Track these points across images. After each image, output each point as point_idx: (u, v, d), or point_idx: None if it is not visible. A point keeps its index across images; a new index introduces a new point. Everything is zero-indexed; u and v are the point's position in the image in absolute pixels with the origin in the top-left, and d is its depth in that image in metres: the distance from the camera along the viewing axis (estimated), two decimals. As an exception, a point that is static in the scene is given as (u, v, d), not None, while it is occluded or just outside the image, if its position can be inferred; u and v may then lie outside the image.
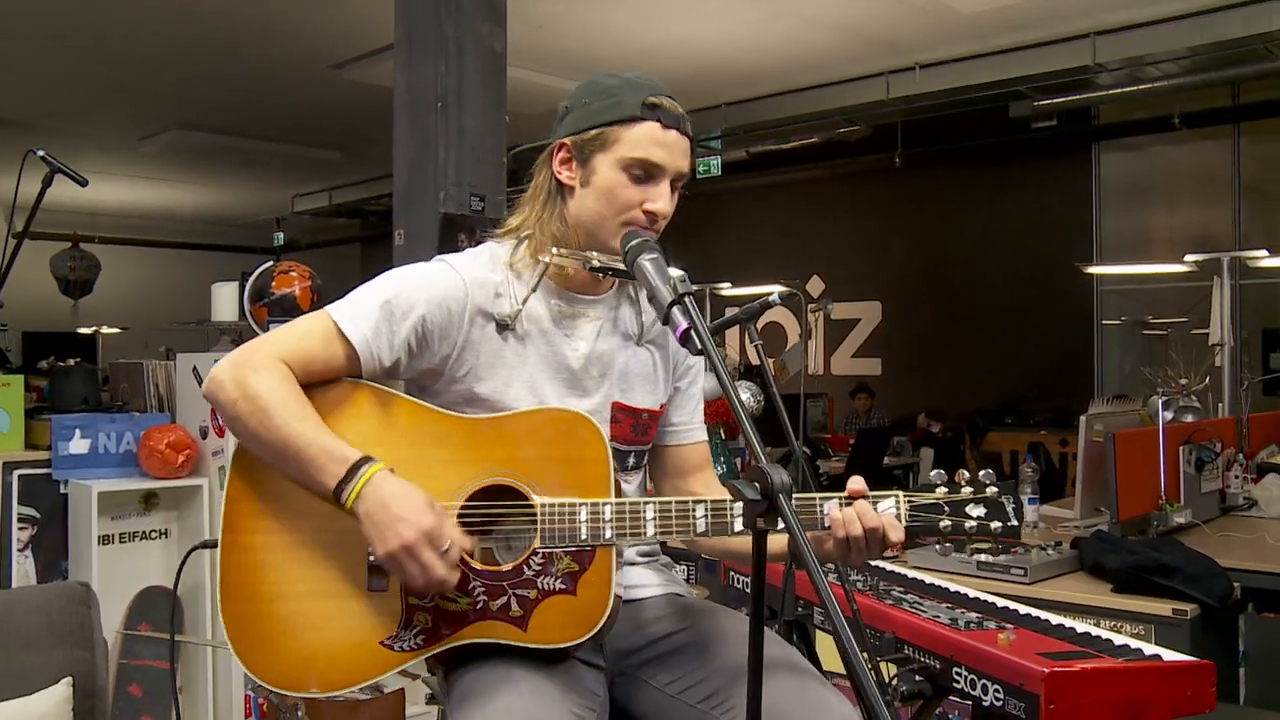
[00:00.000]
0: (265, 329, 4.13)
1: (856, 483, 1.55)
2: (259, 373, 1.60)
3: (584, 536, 1.56)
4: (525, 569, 1.58)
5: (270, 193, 12.65)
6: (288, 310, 4.24)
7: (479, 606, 1.58)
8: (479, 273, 1.71)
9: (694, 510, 1.56)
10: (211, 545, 1.68)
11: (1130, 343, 8.92)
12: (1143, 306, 8.76)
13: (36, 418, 4.08)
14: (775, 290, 2.21)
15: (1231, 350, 5.28)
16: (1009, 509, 1.59)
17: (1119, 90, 7.23)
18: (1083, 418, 4.41)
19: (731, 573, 2.97)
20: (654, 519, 1.56)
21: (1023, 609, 2.35)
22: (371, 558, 1.58)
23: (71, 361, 5.91)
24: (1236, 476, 4.82)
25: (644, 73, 1.77)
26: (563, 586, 1.57)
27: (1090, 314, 8.91)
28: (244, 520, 1.65)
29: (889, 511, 1.56)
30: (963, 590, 2.55)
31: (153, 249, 13.71)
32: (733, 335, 10.51)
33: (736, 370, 8.67)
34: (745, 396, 4.68)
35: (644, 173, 1.68)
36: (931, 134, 8.81)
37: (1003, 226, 9.70)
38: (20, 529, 3.79)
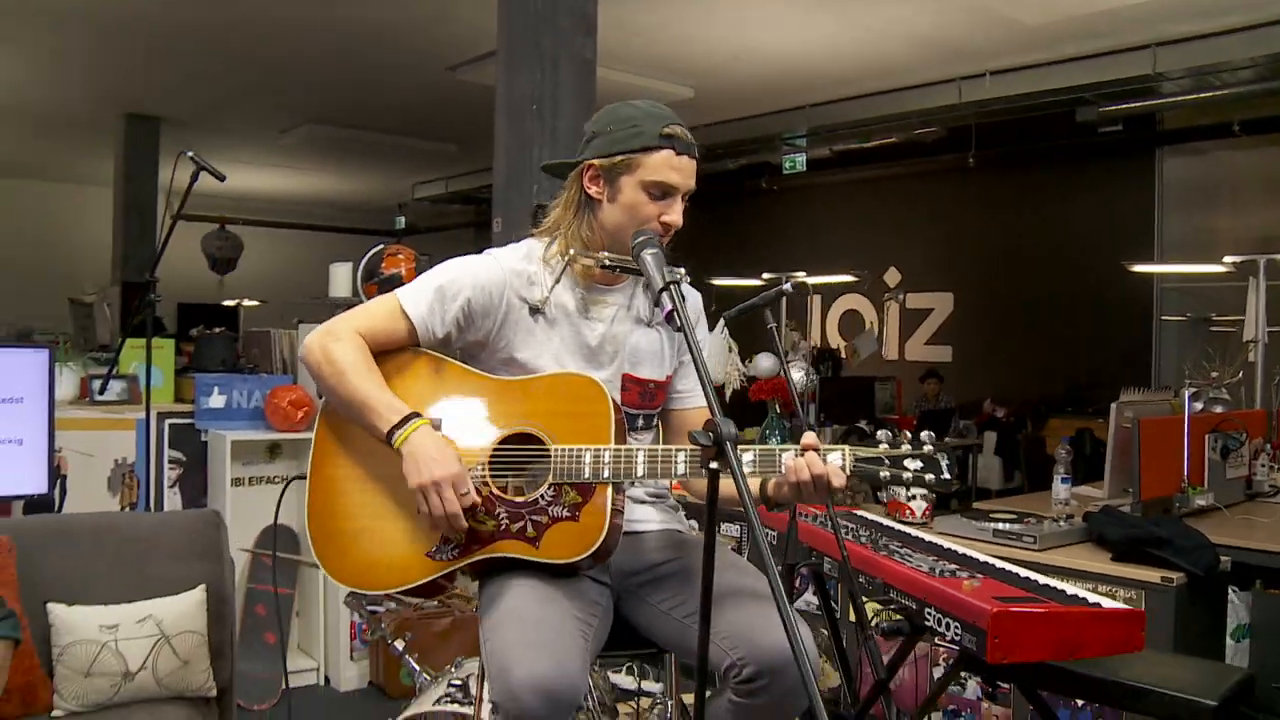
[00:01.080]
0: (376, 304, 4.47)
1: (809, 438, 1.77)
2: (340, 342, 1.92)
3: (587, 475, 1.84)
4: (540, 500, 1.86)
5: (393, 181, 12.98)
6: (395, 287, 4.58)
7: (501, 528, 1.88)
8: (517, 264, 2.00)
9: (675, 456, 1.82)
10: (302, 478, 2.00)
11: (1193, 338, 8.79)
12: (1207, 304, 8.63)
13: (184, 376, 4.50)
14: (787, 281, 2.43)
15: (1265, 347, 5.29)
16: (943, 464, 1.78)
17: (1181, 98, 7.10)
18: (1114, 405, 4.49)
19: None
20: (643, 462, 1.83)
21: (1000, 564, 2.52)
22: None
23: (217, 330, 6.38)
24: (1263, 465, 4.86)
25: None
26: (568, 514, 1.85)
27: (1149, 310, 8.83)
28: (326, 459, 1.98)
29: (836, 463, 1.77)
30: (955, 548, 2.73)
31: (288, 230, 14.19)
32: (815, 323, 10.65)
33: (813, 352, 8.82)
34: (798, 376, 4.86)
35: (661, 193, 1.94)
36: (1003, 136, 8.73)
37: (1069, 225, 9.59)
38: (170, 469, 4.21)
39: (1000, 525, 3.63)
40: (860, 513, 3.32)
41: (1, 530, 2.66)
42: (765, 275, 8.04)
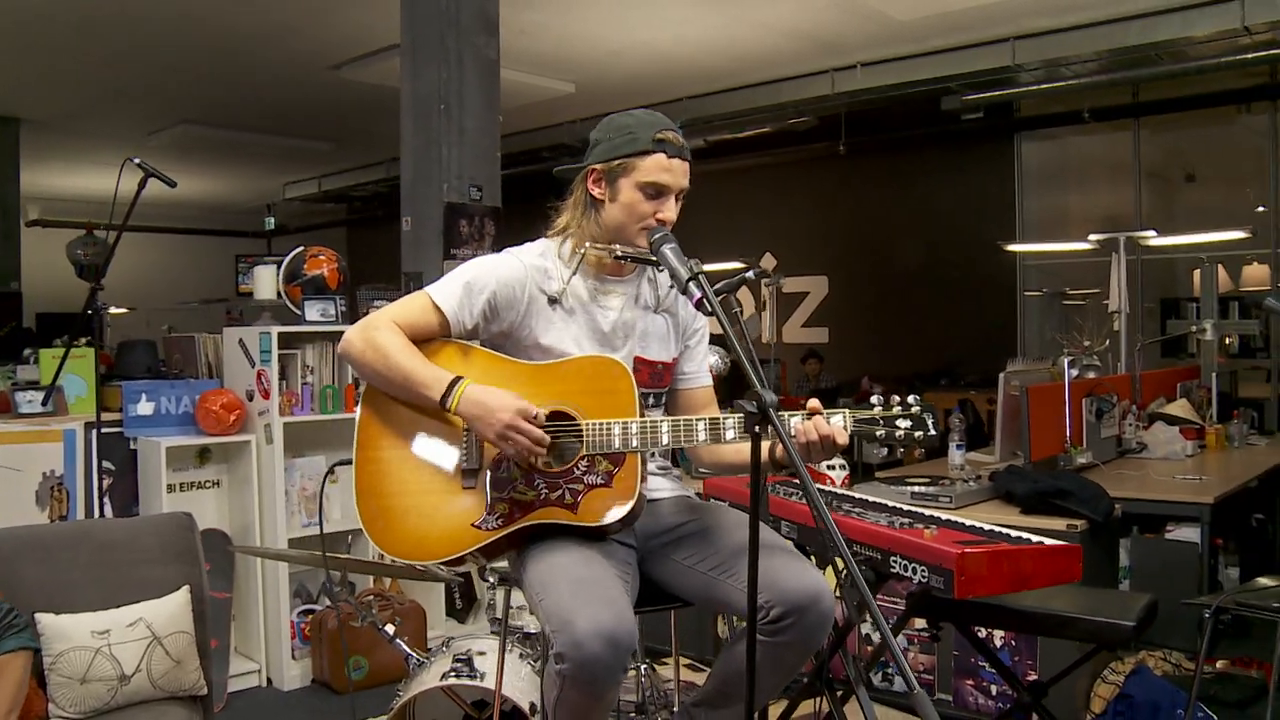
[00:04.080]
0: (299, 306, 4.52)
1: (814, 403, 2.01)
2: (380, 331, 2.10)
3: (618, 445, 2.05)
4: (575, 469, 2.07)
5: (264, 181, 12.80)
6: (319, 289, 4.61)
7: (542, 497, 2.07)
8: (535, 260, 2.20)
9: (696, 425, 2.04)
10: (347, 463, 2.16)
11: (1051, 311, 9.40)
12: (1062, 279, 9.24)
13: (107, 384, 4.46)
14: (749, 267, 2.66)
15: (1128, 316, 5.80)
16: (929, 421, 2.04)
17: (1037, 87, 7.60)
18: (1001, 375, 4.88)
19: (711, 500, 3.44)
20: (667, 431, 2.05)
21: (944, 515, 2.83)
22: (466, 464, 2.06)
23: (83, 340, 6.22)
24: (1130, 424, 5.35)
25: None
26: (602, 481, 2.06)
27: (1013, 286, 9.31)
28: (371, 440, 2.15)
29: (838, 424, 2.01)
30: (899, 505, 3.03)
31: (155, 235, 13.80)
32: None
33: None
34: (714, 360, 5.10)
35: (655, 192, 2.17)
36: (872, 125, 9.14)
37: (936, 208, 10.04)
38: (98, 479, 4.18)
39: (917, 488, 3.97)
40: (796, 483, 3.58)
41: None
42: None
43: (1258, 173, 8.14)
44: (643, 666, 3.02)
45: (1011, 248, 8.56)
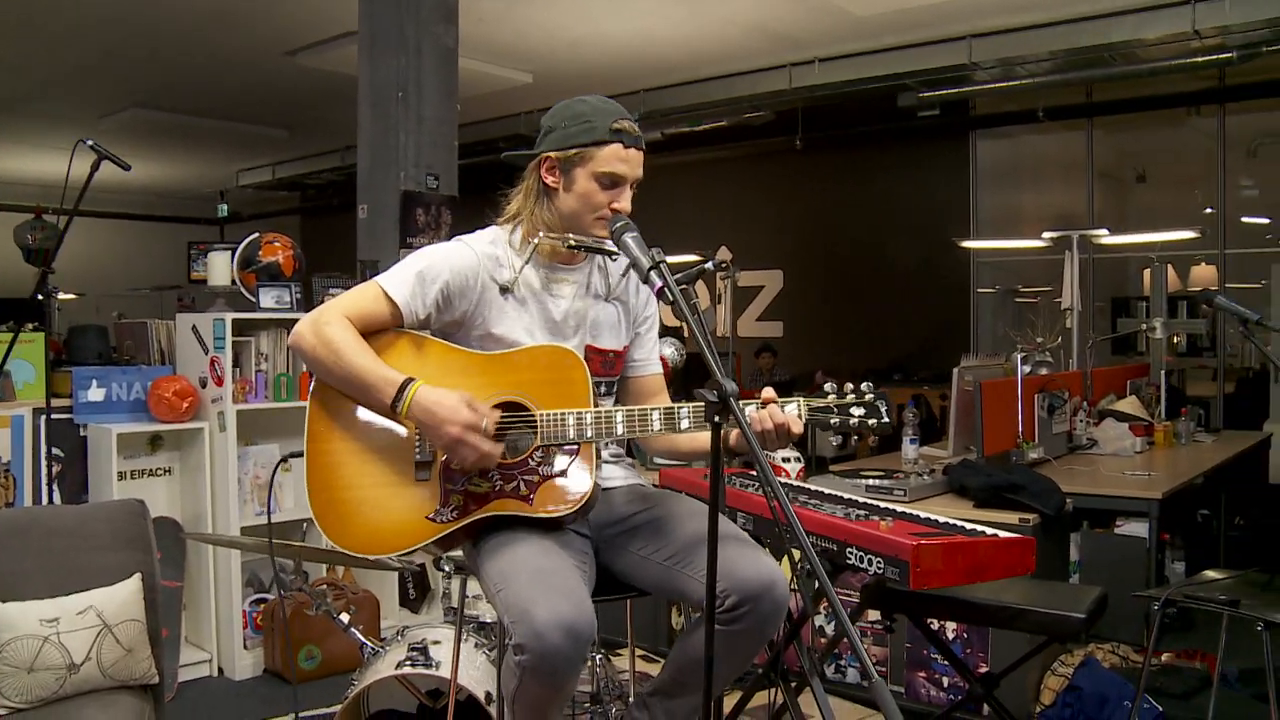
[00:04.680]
0: (254, 293, 4.47)
1: (768, 392, 2.02)
2: (330, 325, 2.05)
3: (572, 436, 2.04)
4: (530, 461, 2.06)
5: (217, 167, 12.61)
6: (273, 276, 4.56)
7: (497, 489, 2.06)
8: (487, 249, 2.18)
9: (650, 415, 2.04)
10: (299, 455, 2.12)
11: (1003, 308, 9.51)
12: (1014, 276, 9.36)
13: (57, 370, 4.38)
14: (706, 259, 2.66)
15: (1079, 314, 5.89)
16: (882, 409, 2.06)
17: (992, 85, 7.67)
18: (955, 370, 4.91)
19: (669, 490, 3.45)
20: (622, 421, 2.04)
21: (900, 508, 2.86)
22: (419, 456, 2.05)
23: (30, 326, 6.11)
24: (1081, 420, 5.42)
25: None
26: (557, 473, 2.05)
27: (967, 283, 9.39)
28: (322, 432, 2.11)
29: (792, 412, 2.02)
30: (855, 498, 3.06)
31: (106, 220, 13.60)
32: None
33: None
34: (669, 351, 5.11)
35: (611, 182, 2.15)
36: (828, 120, 9.17)
37: (891, 204, 10.11)
38: (47, 465, 4.11)
39: (871, 481, 4.00)
40: (752, 474, 3.60)
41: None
42: (610, 257, 8.23)
43: (1207, 174, 8.27)
44: (597, 657, 3.02)
45: (966, 244, 8.64)
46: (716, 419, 1.69)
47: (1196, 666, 3.85)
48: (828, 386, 2.08)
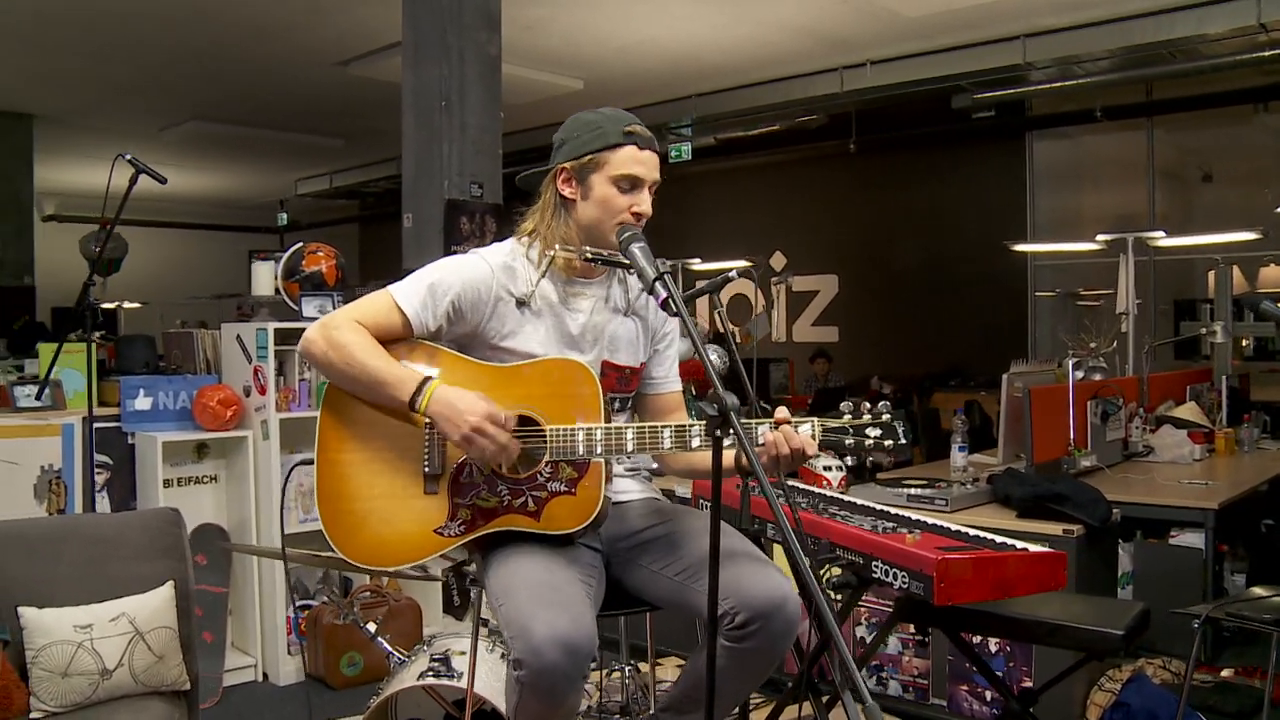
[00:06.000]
0: (297, 302, 4.52)
1: (782, 412, 1.97)
2: (341, 329, 2.06)
3: (581, 452, 2.02)
4: (538, 476, 2.04)
5: (275, 177, 12.80)
6: (317, 285, 4.61)
7: (504, 503, 2.05)
8: (502, 261, 2.17)
9: (661, 432, 2.01)
10: (309, 463, 2.13)
11: (1064, 312, 9.33)
12: (1075, 279, 9.17)
13: (105, 379, 4.47)
14: (736, 266, 2.63)
15: (1136, 318, 5.74)
16: (900, 430, 1.99)
17: (1048, 85, 7.55)
18: (1005, 376, 4.81)
19: (701, 500, 3.43)
20: (632, 439, 2.01)
21: (931, 520, 2.80)
22: (428, 469, 2.04)
23: (97, 335, 6.24)
24: (1137, 427, 5.29)
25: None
26: (565, 489, 2.03)
27: (1024, 287, 9.27)
28: (332, 443, 2.12)
29: (806, 433, 1.97)
30: (887, 508, 3.00)
31: (168, 229, 13.87)
32: (703, 305, 10.92)
33: (707, 336, 9.09)
34: (714, 358, 5.08)
35: (629, 185, 2.12)
36: (882, 123, 9.09)
37: (946, 206, 10.03)
38: (97, 473, 4.19)
39: (913, 490, 3.93)
40: (790, 483, 3.56)
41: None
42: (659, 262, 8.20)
43: (1277, 172, 8.04)
44: (626, 668, 3.01)
45: (1019, 248, 8.50)
46: (718, 432, 1.66)
47: (1255, 685, 3.73)
48: (844, 406, 2.03)
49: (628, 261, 1.99)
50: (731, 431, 1.65)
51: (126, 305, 11.48)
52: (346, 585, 4.54)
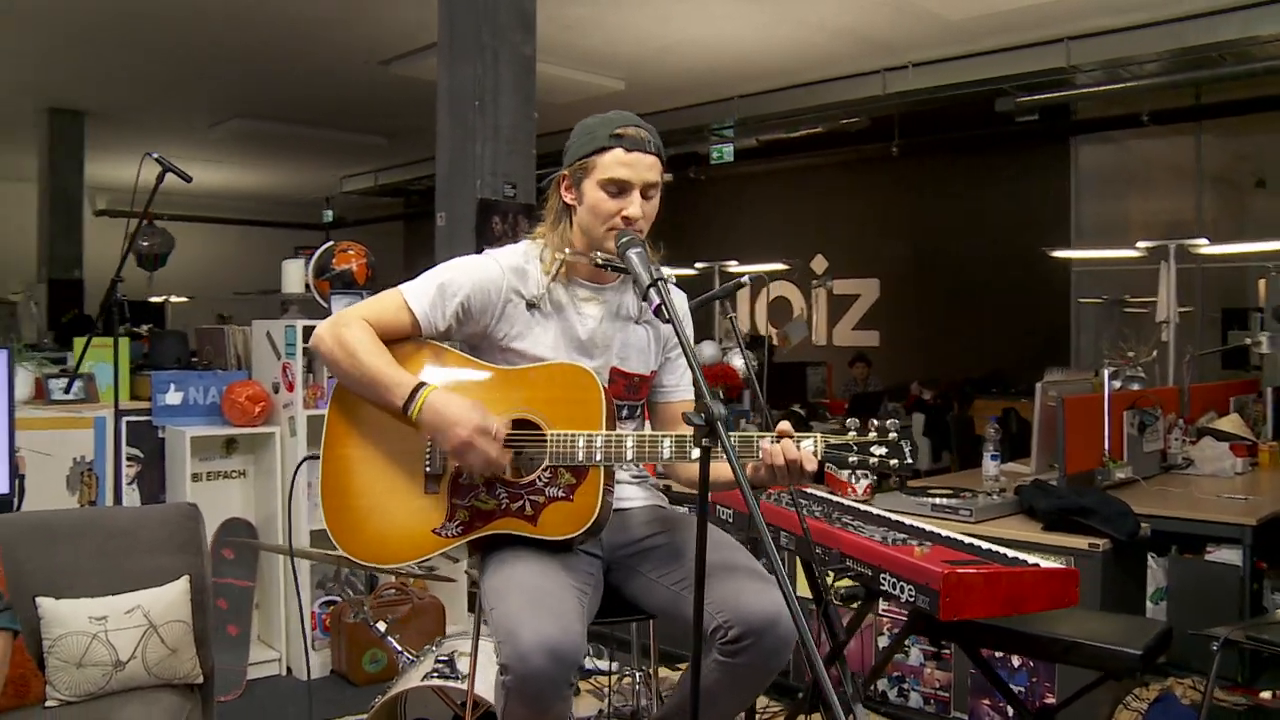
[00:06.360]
0: (327, 300, 4.55)
1: (784, 426, 1.93)
2: (349, 328, 2.07)
3: (580, 458, 2.00)
4: (537, 481, 2.03)
5: (320, 174, 12.95)
6: (347, 284, 4.64)
7: (502, 507, 2.04)
8: (514, 263, 2.16)
9: (661, 441, 1.99)
10: (316, 458, 2.15)
11: (1109, 319, 9.16)
12: (1120, 286, 9.01)
13: (138, 374, 4.54)
14: (748, 273, 2.61)
15: (1178, 326, 5.62)
16: (906, 449, 1.93)
17: (1093, 89, 7.44)
18: (1039, 384, 4.75)
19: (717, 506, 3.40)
20: (632, 447, 1.99)
21: (945, 532, 2.74)
22: (428, 468, 2.05)
23: (144, 328, 6.36)
24: (1176, 439, 5.18)
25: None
26: (563, 495, 2.02)
27: (1067, 293, 9.14)
28: (338, 439, 2.13)
29: (808, 448, 1.92)
30: (903, 519, 2.95)
31: (215, 225, 14.07)
32: (743, 310, 10.89)
33: (746, 338, 9.04)
34: (738, 363, 5.07)
35: (616, 189, 2.09)
36: (925, 126, 9.02)
37: (989, 211, 9.92)
38: (128, 466, 4.26)
39: (938, 500, 3.87)
40: (810, 490, 3.52)
41: (-18, 529, 2.73)
42: (698, 265, 8.19)
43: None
44: (638, 674, 2.99)
45: (1058, 254, 8.37)
46: (705, 443, 1.64)
47: (1291, 708, 3.63)
48: (849, 423, 1.99)
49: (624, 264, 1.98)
50: (719, 442, 1.62)
51: (174, 299, 11.68)
52: (373, 582, 4.57)
